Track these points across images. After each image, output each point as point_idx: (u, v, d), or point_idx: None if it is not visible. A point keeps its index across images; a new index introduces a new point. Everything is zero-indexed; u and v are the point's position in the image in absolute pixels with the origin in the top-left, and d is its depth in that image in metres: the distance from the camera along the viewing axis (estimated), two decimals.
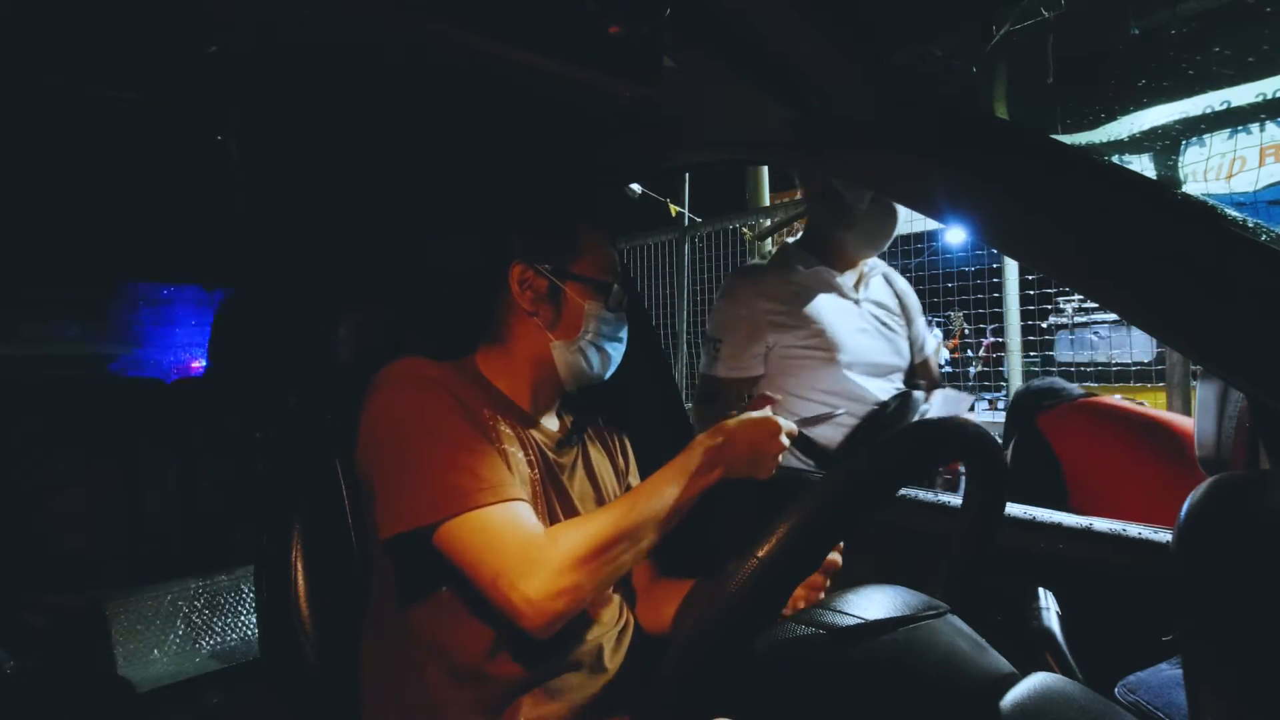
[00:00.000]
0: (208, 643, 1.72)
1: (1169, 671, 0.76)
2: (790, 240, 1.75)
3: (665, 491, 0.87)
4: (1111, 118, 3.86)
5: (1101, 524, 0.96)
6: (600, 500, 1.05)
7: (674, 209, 4.48)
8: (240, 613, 1.77)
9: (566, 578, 0.79)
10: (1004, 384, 4.24)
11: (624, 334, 1.04)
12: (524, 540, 0.81)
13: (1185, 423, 1.39)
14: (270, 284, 1.87)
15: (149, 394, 2.01)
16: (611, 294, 1.01)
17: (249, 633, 1.77)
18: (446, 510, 0.82)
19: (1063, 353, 3.93)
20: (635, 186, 4.29)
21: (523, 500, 0.86)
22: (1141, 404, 1.56)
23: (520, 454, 0.95)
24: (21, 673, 1.41)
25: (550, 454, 1.01)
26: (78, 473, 1.67)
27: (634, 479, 1.17)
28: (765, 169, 4.59)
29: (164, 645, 1.65)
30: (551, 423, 1.07)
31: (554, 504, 0.97)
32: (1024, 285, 3.45)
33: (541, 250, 1.00)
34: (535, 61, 0.81)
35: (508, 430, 0.96)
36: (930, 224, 3.58)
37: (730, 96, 0.82)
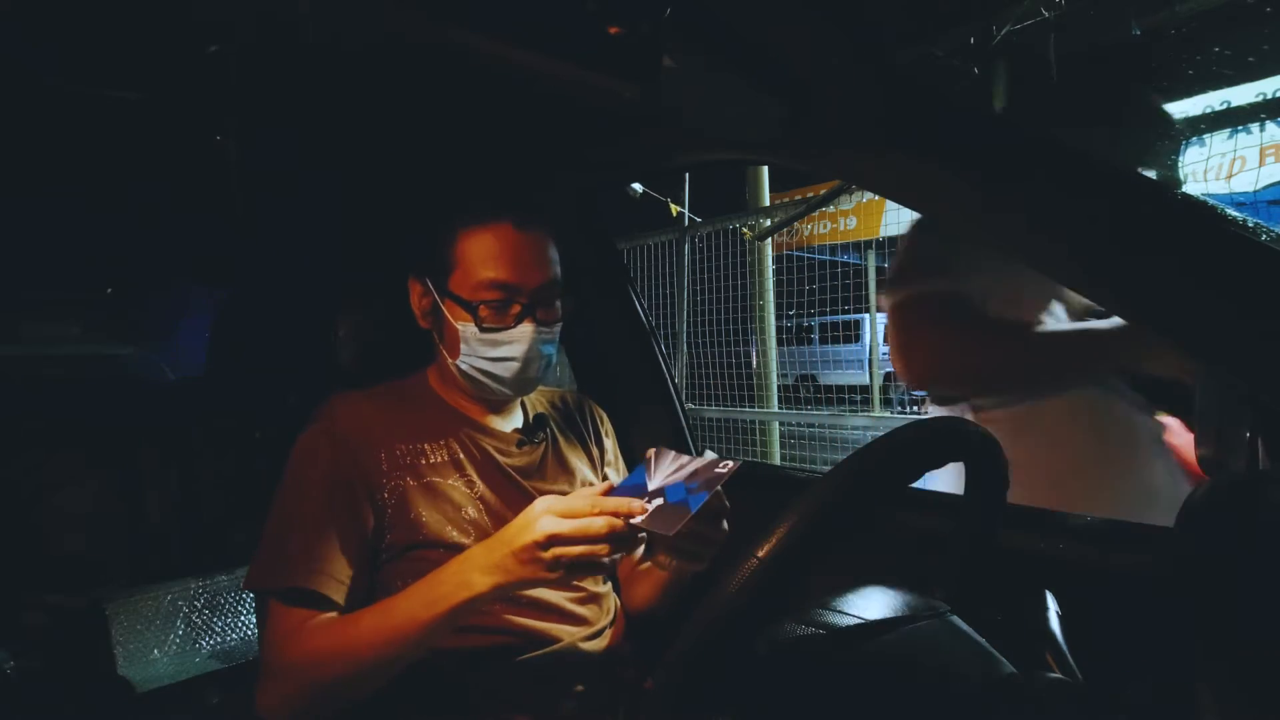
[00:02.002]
0: (208, 643, 1.72)
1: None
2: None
3: (419, 608, 0.77)
4: None
5: (1101, 524, 0.96)
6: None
7: (674, 209, 4.48)
8: (240, 613, 1.77)
9: (293, 699, 0.80)
10: None
11: (519, 352, 0.92)
12: (275, 637, 0.82)
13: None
14: (270, 284, 1.87)
15: (149, 394, 2.01)
16: (483, 316, 0.90)
17: (249, 633, 1.77)
18: (251, 583, 0.86)
19: None
20: (636, 186, 4.29)
21: (306, 590, 0.82)
22: None
23: (457, 479, 0.92)
24: (21, 673, 1.41)
25: (505, 459, 0.98)
26: (78, 473, 1.67)
27: (612, 467, 1.13)
28: (765, 169, 4.60)
29: (164, 645, 1.65)
30: (508, 424, 1.03)
31: (508, 515, 0.91)
32: None
33: (425, 262, 0.96)
34: (535, 61, 0.81)
35: (452, 449, 0.94)
36: None
37: (730, 97, 0.82)
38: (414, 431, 0.94)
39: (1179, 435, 1.32)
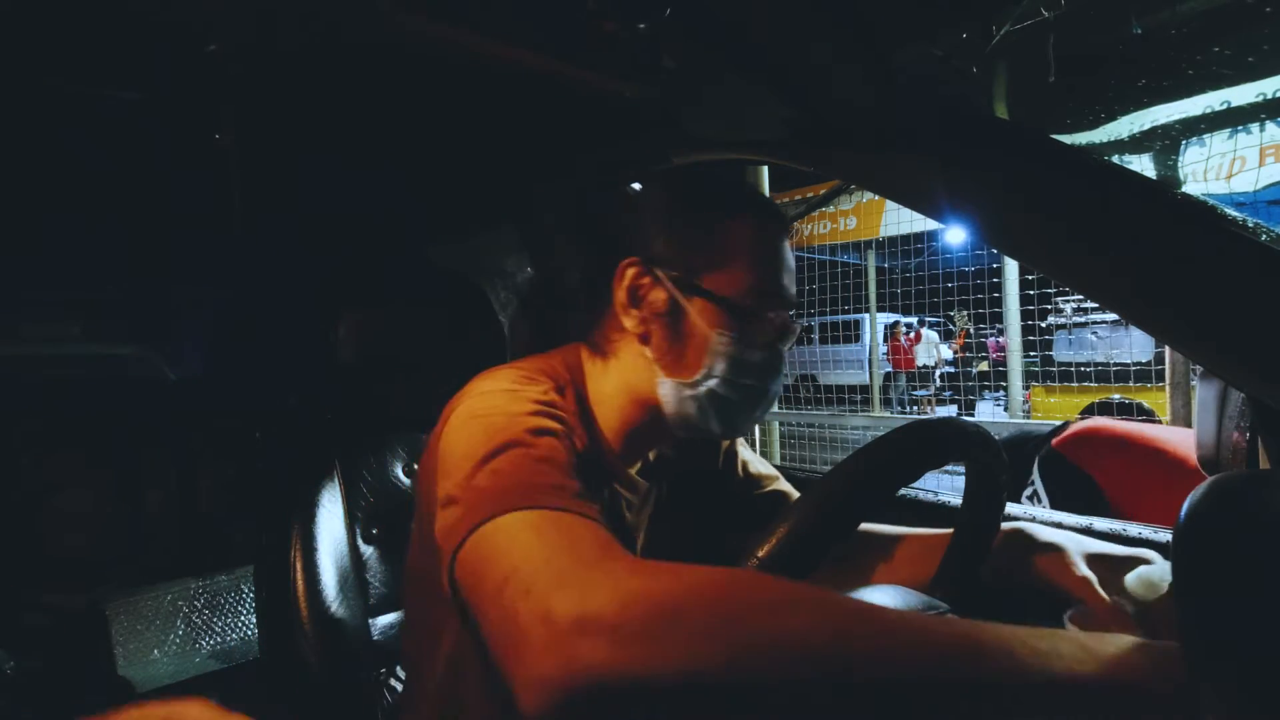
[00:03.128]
0: (208, 643, 1.72)
1: None
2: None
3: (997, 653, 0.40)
4: (1111, 118, 3.88)
5: (1101, 524, 0.96)
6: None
7: None
8: (240, 613, 1.77)
9: (632, 613, 0.41)
10: (1004, 384, 4.25)
11: (773, 381, 0.72)
12: (596, 550, 0.48)
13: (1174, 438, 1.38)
14: (271, 284, 1.88)
15: (149, 394, 2.01)
16: (756, 324, 0.70)
17: (249, 633, 1.77)
18: (505, 505, 0.52)
19: (1061, 352, 3.94)
20: (638, 186, 4.29)
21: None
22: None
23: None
24: (21, 673, 1.41)
25: (627, 515, 0.78)
26: (78, 473, 1.67)
27: (729, 456, 0.91)
28: (765, 169, 4.59)
29: (164, 645, 1.66)
30: (635, 465, 0.81)
31: None
32: (1024, 285, 3.46)
33: (667, 249, 0.71)
34: (535, 61, 0.81)
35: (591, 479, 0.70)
36: (930, 224, 3.59)
37: (730, 96, 0.82)
38: (581, 468, 0.69)
39: None
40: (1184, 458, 1.32)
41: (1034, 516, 1.01)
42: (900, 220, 3.92)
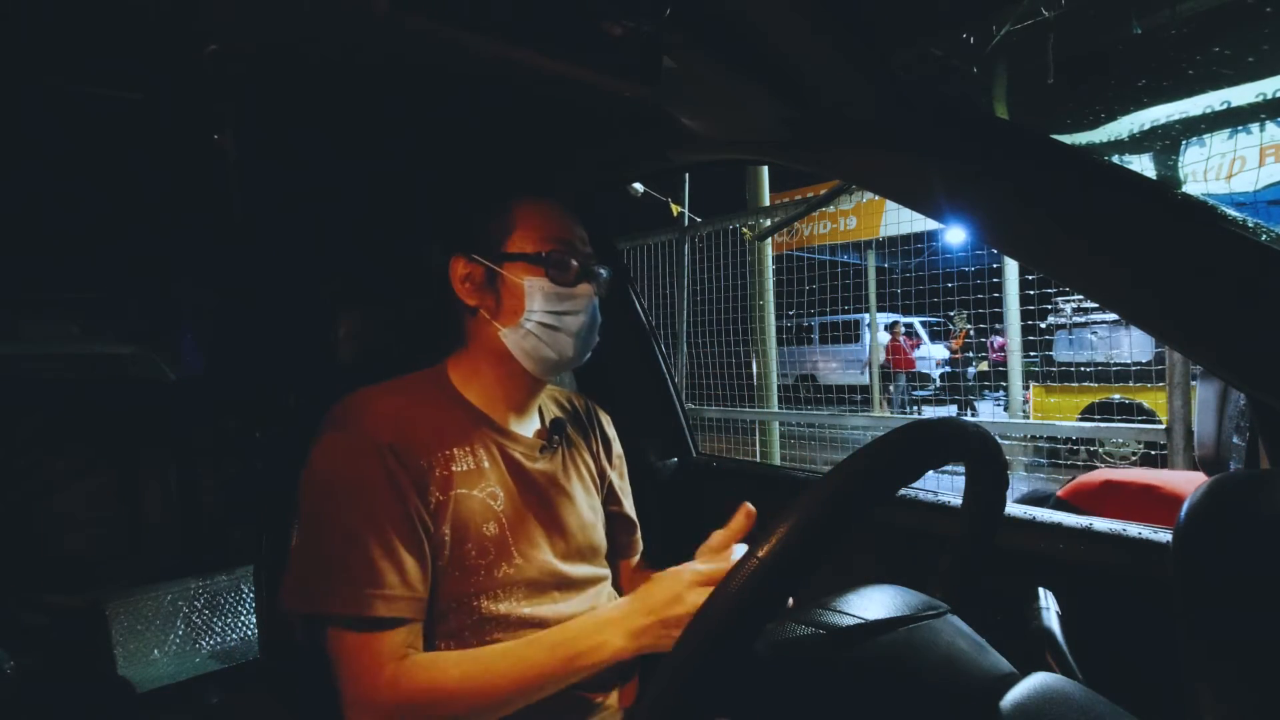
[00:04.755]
0: (208, 643, 1.72)
1: None
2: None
3: (549, 660, 0.79)
4: (1111, 118, 3.88)
5: (1101, 524, 0.96)
6: (587, 507, 1.01)
7: (675, 209, 4.49)
8: (240, 613, 1.78)
9: None
10: (1003, 384, 4.26)
11: (583, 306, 0.92)
12: (365, 671, 0.77)
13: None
14: (270, 284, 1.87)
15: (149, 394, 2.01)
16: (553, 264, 0.90)
17: (249, 633, 1.77)
18: (312, 607, 0.79)
19: (1061, 352, 3.94)
20: (637, 186, 4.31)
21: (397, 617, 0.79)
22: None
23: (487, 488, 0.90)
24: (21, 673, 1.41)
25: (530, 466, 0.95)
26: (78, 473, 1.67)
27: (617, 471, 1.12)
28: (765, 169, 4.60)
29: (164, 645, 1.66)
30: (528, 427, 1.00)
31: (533, 528, 0.93)
32: (1024, 285, 3.46)
33: (474, 237, 0.94)
34: (535, 61, 0.81)
35: (478, 456, 0.91)
36: (930, 224, 3.59)
37: (730, 96, 0.82)
38: (442, 435, 0.89)
39: None
40: (1176, 493, 1.41)
41: (1034, 517, 1.02)
42: (900, 220, 3.91)
